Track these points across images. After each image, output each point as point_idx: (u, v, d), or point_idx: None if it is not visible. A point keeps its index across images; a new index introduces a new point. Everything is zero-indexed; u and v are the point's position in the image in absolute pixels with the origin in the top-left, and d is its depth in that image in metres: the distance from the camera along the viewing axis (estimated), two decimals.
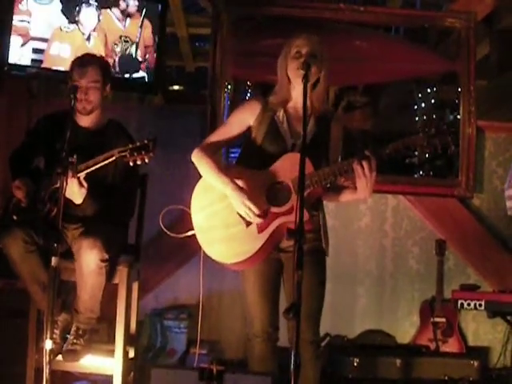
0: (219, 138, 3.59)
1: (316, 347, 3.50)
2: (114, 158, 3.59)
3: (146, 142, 3.56)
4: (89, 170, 3.62)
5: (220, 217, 3.44)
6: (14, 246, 3.67)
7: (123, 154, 3.56)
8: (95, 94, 3.94)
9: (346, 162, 3.31)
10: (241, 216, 3.38)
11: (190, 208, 3.53)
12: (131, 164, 3.58)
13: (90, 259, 3.62)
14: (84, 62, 3.97)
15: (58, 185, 3.45)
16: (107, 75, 4.04)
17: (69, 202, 3.63)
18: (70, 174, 3.52)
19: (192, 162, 3.52)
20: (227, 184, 3.39)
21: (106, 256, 3.65)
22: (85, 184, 3.63)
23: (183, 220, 3.61)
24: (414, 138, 3.28)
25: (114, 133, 4.03)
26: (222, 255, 3.41)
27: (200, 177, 3.54)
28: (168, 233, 3.83)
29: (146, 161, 3.57)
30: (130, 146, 3.56)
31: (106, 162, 3.62)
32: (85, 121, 4.02)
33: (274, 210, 3.35)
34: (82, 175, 3.60)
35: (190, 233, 3.54)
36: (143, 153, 3.54)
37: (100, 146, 3.85)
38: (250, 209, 3.32)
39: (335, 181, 3.39)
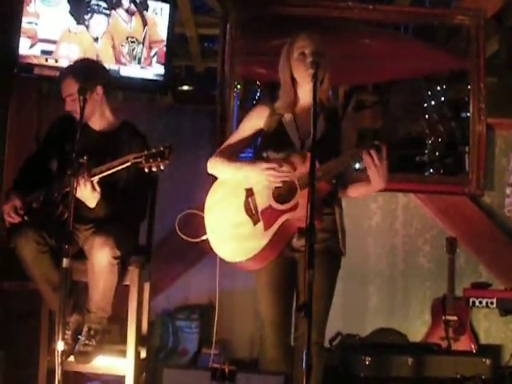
0: (232, 145, 3.62)
1: (320, 348, 3.47)
2: (128, 163, 3.56)
3: (161, 148, 3.51)
4: (103, 175, 3.61)
5: (229, 217, 3.45)
6: (27, 246, 3.67)
7: (138, 160, 3.52)
8: (75, 105, 3.82)
9: (349, 154, 3.30)
10: (249, 215, 3.41)
11: (203, 210, 3.54)
12: (146, 171, 3.54)
13: (102, 256, 3.63)
14: (62, 74, 3.99)
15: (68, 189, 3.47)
16: (88, 79, 3.90)
17: (81, 203, 3.63)
18: (83, 177, 3.53)
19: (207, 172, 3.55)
20: (241, 167, 3.45)
21: (118, 253, 3.65)
22: (98, 188, 3.62)
23: (197, 221, 3.60)
24: (417, 124, 3.25)
25: (128, 135, 4.02)
26: (230, 254, 3.43)
27: (211, 178, 3.55)
28: (185, 237, 3.84)
29: (162, 168, 3.53)
30: (146, 152, 3.52)
31: (121, 167, 3.60)
32: (97, 124, 4.02)
33: (280, 207, 3.36)
34: (95, 179, 3.60)
35: (204, 237, 3.55)
36: (159, 160, 3.50)
37: (113, 148, 3.86)
38: (272, 168, 3.33)
39: (339, 175, 3.37)
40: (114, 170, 3.61)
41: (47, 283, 3.74)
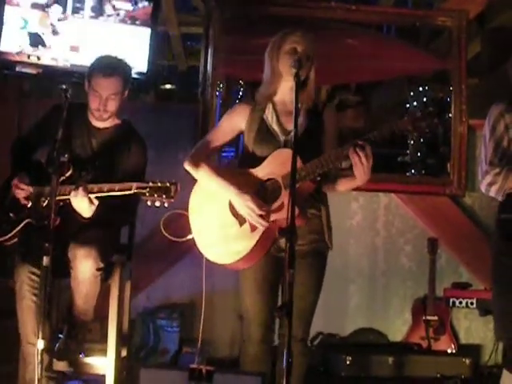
0: (211, 144, 3.59)
1: (304, 345, 3.50)
2: (130, 191, 3.47)
3: (167, 184, 3.43)
4: (100, 195, 3.54)
5: (216, 218, 3.43)
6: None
7: (142, 191, 3.44)
8: (114, 104, 3.88)
9: (333, 154, 3.29)
10: (234, 216, 3.38)
11: (187, 210, 3.52)
12: (149, 204, 3.46)
13: (85, 269, 3.61)
14: (106, 70, 3.85)
15: (64, 197, 3.50)
16: (128, 80, 3.97)
17: (69, 207, 3.60)
18: (81, 192, 3.50)
19: (186, 170, 3.52)
20: (228, 188, 3.38)
21: (102, 265, 3.63)
22: (95, 202, 3.55)
23: (180, 221, 3.58)
24: (400, 122, 3.24)
25: (127, 138, 3.99)
26: (219, 257, 3.41)
27: (192, 177, 3.53)
28: (171, 237, 3.81)
29: (166, 205, 3.46)
30: (151, 184, 3.44)
31: (121, 193, 3.51)
32: (98, 122, 3.98)
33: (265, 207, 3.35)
34: (92, 196, 3.54)
35: (190, 236, 3.52)
36: (164, 196, 3.42)
37: (112, 148, 3.90)
38: (253, 210, 3.30)
39: (324, 173, 3.36)
40: (114, 193, 3.52)
41: None
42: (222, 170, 3.60)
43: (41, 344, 3.10)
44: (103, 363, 3.86)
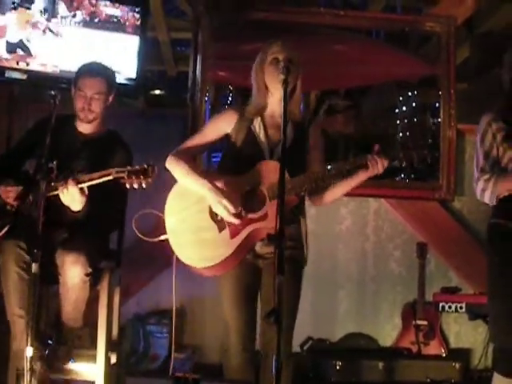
0: (194, 145, 3.59)
1: (287, 356, 3.38)
2: (110, 177, 3.51)
3: (145, 166, 3.47)
4: (83, 185, 3.55)
5: (193, 221, 3.42)
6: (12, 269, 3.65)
7: (121, 174, 3.47)
8: (98, 104, 3.94)
9: (322, 171, 3.34)
10: (214, 221, 3.38)
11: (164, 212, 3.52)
12: (127, 186, 3.49)
13: (73, 275, 3.61)
14: (92, 71, 3.96)
15: (54, 193, 3.51)
16: (113, 85, 4.05)
17: (62, 207, 3.61)
18: (71, 183, 3.52)
19: (167, 169, 3.52)
20: (203, 184, 3.38)
21: (90, 270, 3.64)
22: (86, 192, 3.57)
23: (160, 225, 3.58)
24: (392, 152, 3.35)
25: (112, 142, 4.03)
26: (193, 259, 3.39)
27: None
28: (141, 236, 3.80)
29: (144, 186, 3.48)
30: (129, 167, 3.48)
31: (102, 180, 3.53)
32: (85, 127, 4.02)
33: (249, 215, 3.34)
34: (84, 186, 3.55)
35: (163, 237, 3.51)
36: (141, 177, 3.45)
37: (96, 152, 3.91)
38: (226, 207, 3.30)
39: (310, 189, 3.39)
40: (95, 181, 3.55)
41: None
42: (205, 172, 3.59)
43: (29, 351, 3.10)
44: (93, 370, 3.84)
